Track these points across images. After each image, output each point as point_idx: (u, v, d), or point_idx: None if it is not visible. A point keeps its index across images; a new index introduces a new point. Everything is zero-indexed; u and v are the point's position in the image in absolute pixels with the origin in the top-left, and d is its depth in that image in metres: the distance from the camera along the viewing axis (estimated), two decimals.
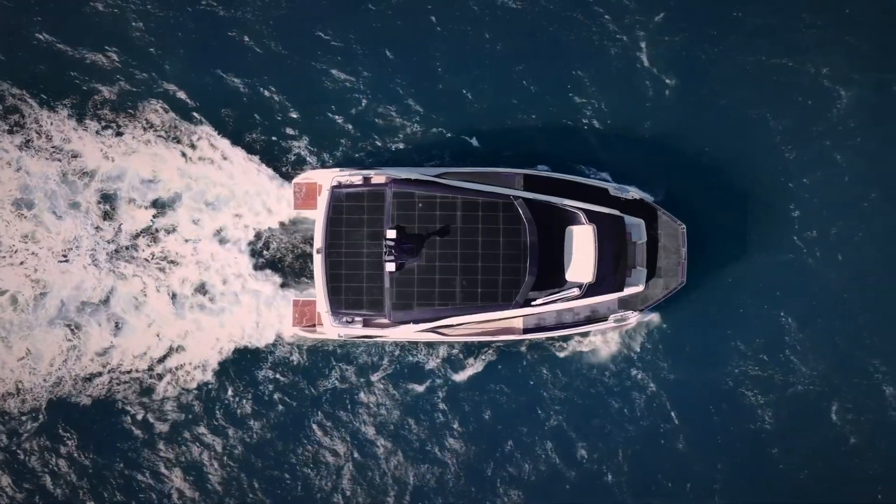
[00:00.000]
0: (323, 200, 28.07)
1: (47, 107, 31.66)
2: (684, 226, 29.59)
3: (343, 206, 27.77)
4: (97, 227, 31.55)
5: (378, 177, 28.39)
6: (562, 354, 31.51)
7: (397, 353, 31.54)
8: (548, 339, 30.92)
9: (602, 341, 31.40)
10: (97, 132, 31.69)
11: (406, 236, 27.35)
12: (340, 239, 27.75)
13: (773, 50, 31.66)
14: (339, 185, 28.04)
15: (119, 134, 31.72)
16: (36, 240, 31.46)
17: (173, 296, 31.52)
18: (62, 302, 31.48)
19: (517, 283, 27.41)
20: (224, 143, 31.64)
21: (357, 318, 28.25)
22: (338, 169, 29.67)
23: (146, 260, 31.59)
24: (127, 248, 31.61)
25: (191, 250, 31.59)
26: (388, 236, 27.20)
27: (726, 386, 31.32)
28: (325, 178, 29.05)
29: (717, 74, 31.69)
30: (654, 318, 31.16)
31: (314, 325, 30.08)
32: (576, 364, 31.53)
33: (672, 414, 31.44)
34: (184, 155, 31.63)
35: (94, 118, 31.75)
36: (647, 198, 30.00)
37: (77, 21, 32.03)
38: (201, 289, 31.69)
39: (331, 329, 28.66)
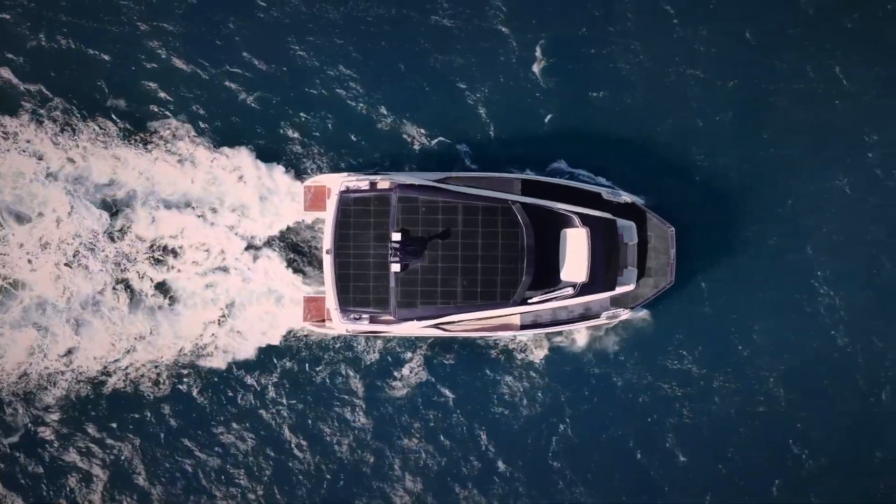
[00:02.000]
0: (332, 204, 29.08)
1: (7, 112, 32.30)
2: (673, 228, 30.63)
3: (351, 209, 28.77)
4: (66, 226, 31.87)
5: (383, 182, 29.41)
6: (493, 354, 32.66)
7: (338, 345, 32.61)
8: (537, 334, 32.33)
9: (533, 341, 32.57)
10: (57, 134, 32.15)
11: (410, 239, 28.44)
12: (348, 241, 28.76)
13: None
14: (348, 190, 29.01)
15: (78, 135, 32.22)
16: (5, 241, 32.04)
17: (135, 295, 32.23)
18: (30, 301, 32.03)
19: (515, 282, 28.54)
20: (184, 144, 32.44)
21: (364, 316, 29.24)
22: (345, 174, 30.70)
23: (110, 259, 32.10)
24: (94, 247, 32.02)
25: (151, 249, 32.34)
26: (393, 239, 28.21)
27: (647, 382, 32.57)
28: (334, 182, 30.12)
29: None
30: (644, 314, 32.31)
31: (323, 321, 31.18)
32: (505, 363, 32.71)
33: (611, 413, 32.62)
34: (144, 155, 32.30)
35: (52, 120, 32.21)
36: (638, 201, 31.06)
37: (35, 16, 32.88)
38: (162, 288, 32.37)
39: (339, 325, 29.83)
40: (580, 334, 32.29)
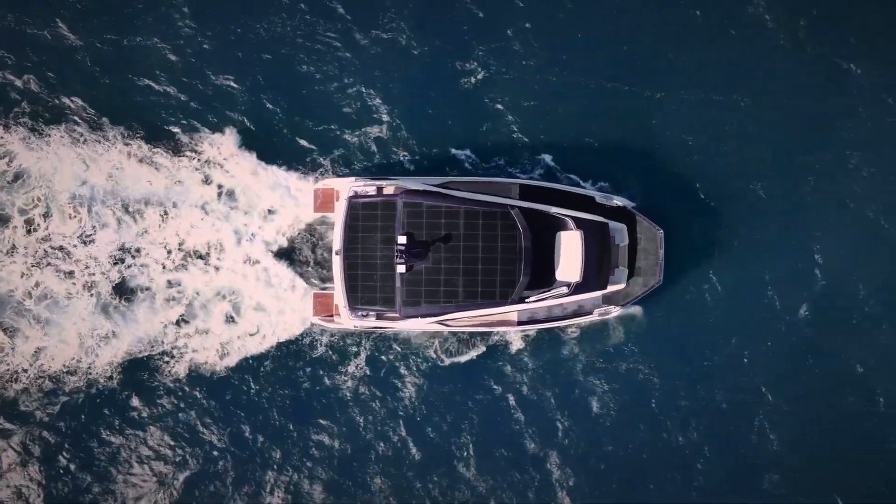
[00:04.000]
0: (341, 208, 30.31)
1: None
2: (662, 230, 31.84)
3: (359, 213, 30.01)
4: (35, 228, 32.79)
5: (389, 187, 30.59)
6: (430, 352, 33.76)
7: (286, 342, 33.78)
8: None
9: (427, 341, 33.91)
10: (28, 137, 32.78)
11: (415, 242, 29.73)
12: (357, 243, 30.05)
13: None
14: (356, 195, 30.16)
15: (47, 136, 32.87)
16: None
17: (95, 296, 32.98)
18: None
19: (513, 282, 29.89)
20: (145, 145, 33.31)
21: (371, 313, 30.60)
22: (353, 178, 31.79)
23: (82, 260, 33.01)
24: (62, 249, 32.89)
25: (113, 249, 33.19)
26: (399, 241, 29.47)
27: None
28: (342, 186, 31.36)
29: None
30: (637, 311, 33.61)
31: (331, 316, 32.47)
32: (436, 360, 33.95)
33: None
34: (118, 154, 33.08)
35: (19, 124, 32.86)
36: (629, 204, 32.23)
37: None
38: (121, 288, 33.16)
39: (348, 321, 31.22)
40: (513, 336, 33.58)
